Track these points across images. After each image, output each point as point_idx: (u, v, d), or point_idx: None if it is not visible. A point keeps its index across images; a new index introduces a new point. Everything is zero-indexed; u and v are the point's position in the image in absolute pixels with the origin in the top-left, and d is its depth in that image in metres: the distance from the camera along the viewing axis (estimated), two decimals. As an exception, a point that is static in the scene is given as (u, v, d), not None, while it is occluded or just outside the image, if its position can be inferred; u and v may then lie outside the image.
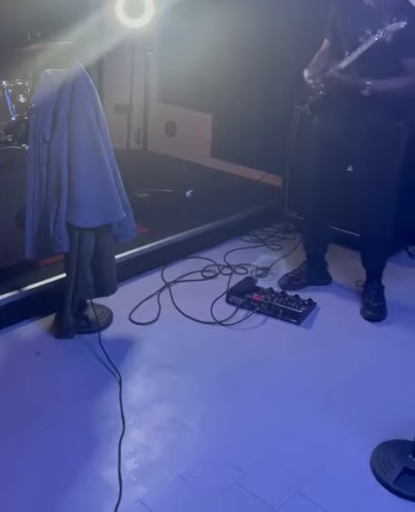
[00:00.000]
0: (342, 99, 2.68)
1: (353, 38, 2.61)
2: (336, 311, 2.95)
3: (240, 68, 4.18)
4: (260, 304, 2.87)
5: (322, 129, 2.87)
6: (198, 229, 3.45)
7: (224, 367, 2.48)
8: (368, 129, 2.71)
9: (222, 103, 4.40)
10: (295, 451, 2.07)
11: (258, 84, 4.13)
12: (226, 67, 4.22)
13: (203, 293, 3.00)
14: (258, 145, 4.19)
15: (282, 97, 3.85)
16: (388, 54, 2.54)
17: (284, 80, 3.86)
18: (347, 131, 2.74)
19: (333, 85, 2.65)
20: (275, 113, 3.95)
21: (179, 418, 2.19)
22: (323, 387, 2.39)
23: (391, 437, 2.12)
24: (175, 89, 4.59)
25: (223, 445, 2.08)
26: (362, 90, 2.58)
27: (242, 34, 4.05)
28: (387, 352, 2.65)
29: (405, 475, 1.97)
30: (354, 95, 2.62)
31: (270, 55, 4.02)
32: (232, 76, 4.23)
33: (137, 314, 2.79)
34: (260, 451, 2.06)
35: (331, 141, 2.79)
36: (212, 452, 2.04)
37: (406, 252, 3.58)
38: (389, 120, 2.75)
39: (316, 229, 3.13)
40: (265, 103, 4.08)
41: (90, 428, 2.12)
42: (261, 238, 3.67)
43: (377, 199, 2.86)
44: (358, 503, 1.88)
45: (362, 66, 2.59)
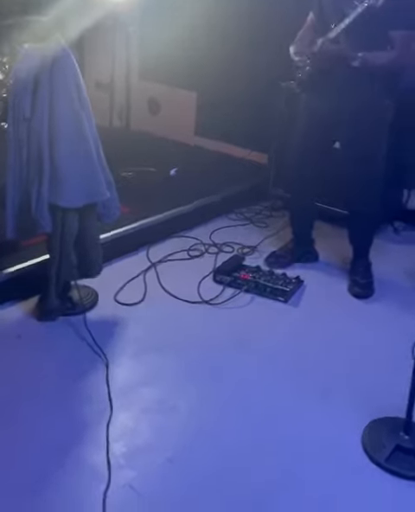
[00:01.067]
0: (331, 74, 2.62)
1: (340, 10, 2.54)
2: (324, 289, 2.93)
3: (225, 45, 4.10)
4: (247, 282, 2.84)
5: (310, 106, 2.81)
6: (183, 208, 3.40)
7: (211, 346, 2.45)
8: (357, 105, 2.66)
9: (207, 80, 4.32)
10: (284, 431, 2.05)
11: (243, 61, 4.06)
12: (211, 43, 4.14)
13: (190, 273, 2.96)
14: (243, 123, 4.13)
15: (267, 74, 3.79)
16: (377, 26, 2.48)
17: (269, 56, 3.79)
18: (335, 108, 2.69)
19: (323, 56, 2.59)
20: (260, 90, 3.89)
21: (167, 399, 2.16)
22: (312, 366, 2.37)
23: (382, 415, 2.10)
24: (158, 66, 4.50)
25: (211, 426, 2.05)
26: (353, 61, 2.52)
27: (226, 9, 3.96)
28: (376, 329, 2.63)
29: (396, 452, 1.96)
30: (343, 69, 2.56)
31: (254, 32, 3.95)
32: (216, 53, 4.15)
33: (123, 295, 2.74)
34: (249, 430, 2.04)
35: (319, 118, 2.75)
36: (200, 433, 2.02)
37: (392, 227, 3.56)
38: (378, 97, 2.70)
39: (303, 207, 3.09)
40: (250, 80, 4.02)
41: (77, 412, 2.09)
42: (247, 216, 3.63)
43: (364, 176, 2.83)
44: (350, 482, 1.87)
45: (353, 37, 2.52)
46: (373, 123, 2.73)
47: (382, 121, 2.79)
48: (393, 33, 2.54)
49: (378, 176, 2.89)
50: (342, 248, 3.08)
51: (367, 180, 2.84)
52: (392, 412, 2.08)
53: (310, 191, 3.01)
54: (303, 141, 2.87)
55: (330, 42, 2.56)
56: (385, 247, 3.31)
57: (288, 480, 1.86)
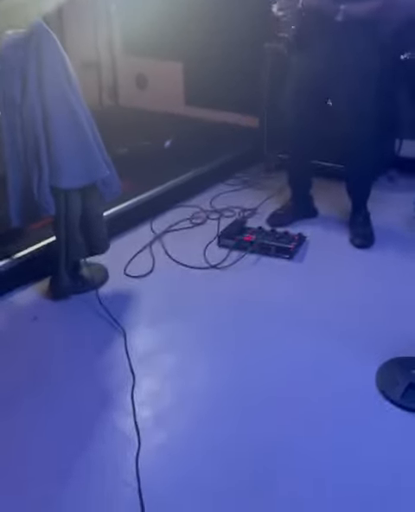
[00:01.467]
0: (317, 31, 2.62)
1: None
2: (326, 243, 2.99)
3: (206, 12, 4.07)
4: (252, 243, 2.90)
5: (299, 66, 2.82)
6: (181, 178, 3.45)
7: (223, 309, 2.53)
8: (348, 61, 2.67)
9: (191, 49, 4.30)
10: (302, 379, 2.14)
11: (226, 26, 4.03)
12: (191, 11, 4.11)
13: (194, 240, 3.03)
14: (231, 88, 4.12)
15: (251, 36, 3.78)
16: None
17: (252, 18, 3.77)
18: (326, 65, 2.70)
19: (305, 13, 2.58)
20: (246, 54, 3.88)
21: (186, 364, 2.25)
22: (323, 315, 2.45)
23: (393, 355, 2.19)
24: (141, 40, 4.47)
25: (233, 385, 2.13)
26: (336, 15, 2.52)
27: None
28: (380, 276, 2.70)
29: (410, 390, 2.05)
30: (329, 24, 2.55)
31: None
32: (198, 21, 4.12)
33: (132, 268, 2.81)
34: (269, 384, 2.13)
35: (311, 76, 2.76)
36: (223, 393, 2.10)
37: (387, 177, 3.60)
38: (367, 50, 2.69)
39: (301, 166, 3.12)
40: (235, 44, 4.00)
41: (101, 383, 2.17)
42: (245, 180, 3.68)
43: (360, 130, 2.86)
44: (368, 422, 1.95)
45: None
46: (365, 77, 2.74)
47: (372, 74, 2.80)
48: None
49: (372, 129, 2.91)
50: (340, 202, 3.13)
51: (361, 133, 2.87)
52: (403, 353, 2.16)
53: (308, 150, 3.05)
54: (295, 101, 2.88)
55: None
56: (381, 196, 3.34)
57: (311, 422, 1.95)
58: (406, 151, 3.63)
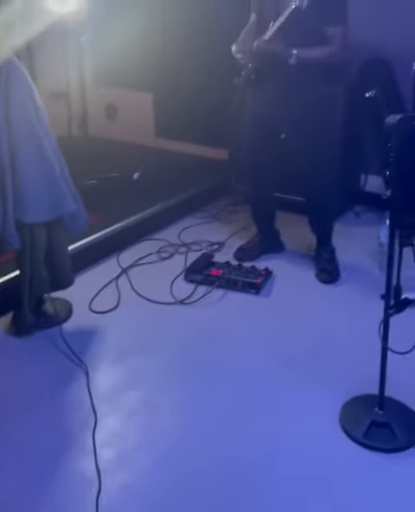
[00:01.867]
0: (272, 70, 2.70)
1: (275, 10, 2.62)
2: (292, 277, 3.01)
3: (177, 45, 4.14)
4: (219, 278, 2.90)
5: (256, 100, 2.88)
6: (149, 211, 3.45)
7: (189, 345, 2.52)
8: (299, 97, 2.74)
9: (162, 81, 4.36)
10: (266, 419, 2.13)
11: (196, 59, 4.10)
12: (163, 44, 4.18)
13: (161, 274, 3.02)
14: (201, 120, 4.18)
15: (221, 70, 3.83)
16: (309, 22, 2.57)
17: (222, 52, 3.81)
18: (279, 101, 2.77)
19: (260, 56, 2.66)
20: (215, 87, 3.95)
21: (151, 401, 2.22)
22: (289, 353, 2.46)
23: (357, 393, 2.19)
24: (112, 71, 4.53)
25: (197, 422, 2.12)
26: (288, 59, 2.60)
27: (175, 10, 4.00)
28: (344, 311, 2.73)
29: (373, 428, 2.05)
30: (282, 65, 2.63)
31: (205, 30, 3.99)
32: (169, 53, 4.19)
33: (97, 303, 2.79)
34: (233, 422, 2.11)
35: (266, 112, 2.82)
36: (187, 431, 2.08)
37: (353, 212, 3.66)
38: (320, 86, 2.78)
39: (262, 199, 3.16)
40: (205, 77, 4.07)
41: (62, 422, 2.13)
42: (213, 213, 3.70)
43: (318, 165, 2.90)
44: (330, 460, 1.95)
45: (287, 35, 2.60)
46: (319, 112, 2.80)
47: (329, 109, 2.87)
48: (328, 28, 2.63)
49: (330, 163, 2.97)
50: (307, 235, 3.16)
51: (321, 169, 2.92)
52: (366, 390, 2.16)
53: (267, 182, 3.08)
54: (253, 135, 2.93)
55: (266, 42, 2.63)
56: (347, 231, 3.40)
57: (275, 464, 1.94)
58: (371, 186, 3.71)
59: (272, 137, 2.89)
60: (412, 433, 2.03)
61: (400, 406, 2.13)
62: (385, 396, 2.08)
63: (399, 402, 2.14)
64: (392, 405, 2.10)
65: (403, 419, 2.08)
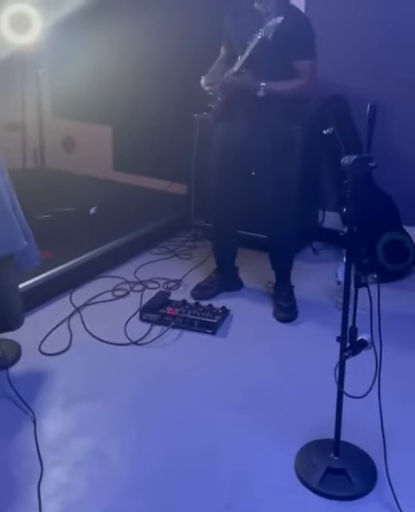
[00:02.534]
0: (241, 104, 2.72)
1: (243, 42, 2.64)
2: (250, 316, 2.97)
3: (137, 79, 4.14)
4: (174, 318, 2.84)
5: (224, 135, 2.88)
6: (105, 247, 3.38)
7: (142, 388, 2.44)
8: (267, 131, 2.76)
9: (121, 114, 4.35)
10: (219, 465, 2.06)
11: (157, 93, 4.11)
12: (123, 78, 4.18)
13: (116, 314, 2.94)
14: (161, 155, 4.17)
15: (181, 105, 3.85)
16: (280, 56, 2.60)
17: (183, 87, 3.85)
18: (248, 136, 2.78)
19: (229, 88, 2.68)
20: (175, 122, 3.95)
21: (100, 449, 2.13)
22: (243, 396, 2.40)
23: (313, 438, 2.15)
24: (70, 103, 4.49)
25: (147, 471, 2.03)
26: (257, 91, 2.61)
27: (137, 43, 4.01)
28: (302, 353, 2.69)
29: (328, 475, 2.00)
30: (251, 98, 2.65)
31: (166, 64, 4.01)
32: (129, 87, 4.19)
33: (48, 344, 2.68)
34: (185, 469, 2.04)
35: (234, 146, 2.82)
36: (137, 480, 2.00)
37: (311, 248, 3.67)
38: (285, 122, 2.81)
39: (224, 235, 3.13)
40: (165, 112, 4.07)
41: (6, 473, 2.02)
42: (171, 249, 3.65)
43: (281, 201, 2.91)
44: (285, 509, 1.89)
45: (255, 68, 2.62)
46: (285, 148, 2.82)
47: (293, 145, 2.90)
48: (298, 62, 2.66)
49: (293, 200, 2.97)
50: (266, 272, 3.14)
51: (283, 205, 2.92)
52: (322, 434, 2.12)
53: (231, 219, 3.06)
54: (219, 171, 2.92)
55: (235, 75, 2.65)
56: (305, 268, 3.40)
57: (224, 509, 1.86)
58: (329, 222, 3.73)
59: (240, 171, 2.89)
60: (368, 480, 1.99)
61: (357, 451, 2.09)
62: (341, 441, 2.03)
63: (355, 447, 2.10)
64: (348, 450, 2.06)
65: (359, 465, 2.03)
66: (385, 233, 3.36)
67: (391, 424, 1.98)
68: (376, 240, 3.33)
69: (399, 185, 3.47)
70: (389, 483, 1.89)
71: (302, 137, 3.39)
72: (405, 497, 1.87)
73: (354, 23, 3.45)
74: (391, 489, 1.87)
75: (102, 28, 4.03)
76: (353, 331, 1.98)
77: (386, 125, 3.48)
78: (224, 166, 2.89)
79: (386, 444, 1.93)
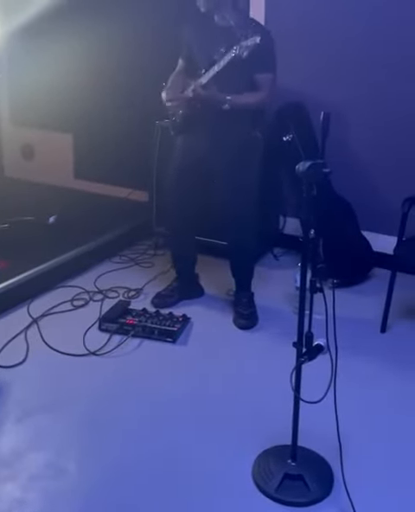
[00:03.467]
0: (203, 116, 2.72)
1: (209, 57, 2.66)
2: (210, 324, 2.96)
3: (98, 86, 4.12)
4: (134, 327, 2.81)
5: (184, 146, 2.89)
6: (64, 256, 3.33)
7: (100, 399, 2.40)
8: (230, 142, 2.77)
9: (82, 122, 4.32)
10: (177, 475, 2.04)
11: (118, 100, 4.10)
12: (83, 85, 4.15)
13: (74, 324, 2.90)
14: (122, 162, 4.16)
15: (142, 112, 3.84)
16: (245, 70, 2.61)
17: (143, 95, 3.85)
18: (209, 146, 2.79)
19: (196, 101, 2.68)
20: (136, 129, 3.94)
21: (56, 462, 2.09)
22: (202, 404, 2.39)
23: (271, 444, 2.15)
24: (29, 111, 4.44)
25: (104, 483, 2.01)
26: (223, 104, 2.63)
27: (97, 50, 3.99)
28: (261, 359, 2.69)
29: (285, 481, 2.00)
30: (214, 110, 2.66)
31: (126, 71, 4.00)
32: (89, 94, 4.16)
33: (3, 356, 2.63)
34: (143, 480, 2.01)
35: (195, 157, 2.82)
36: (94, 492, 1.97)
37: (272, 254, 3.68)
38: (247, 130, 2.83)
39: (183, 243, 3.13)
40: (126, 119, 4.06)
41: None
42: (132, 257, 3.62)
43: (241, 209, 2.92)
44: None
45: (222, 81, 2.63)
46: (246, 156, 2.84)
47: (254, 153, 2.91)
48: (258, 76, 2.69)
49: (252, 208, 2.99)
50: (226, 280, 3.14)
51: (243, 211, 2.93)
52: (280, 440, 2.12)
53: (190, 227, 3.06)
54: (178, 178, 2.92)
55: (201, 88, 2.65)
56: (266, 274, 3.41)
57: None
58: (290, 229, 3.75)
59: (200, 180, 2.90)
60: (325, 485, 2.00)
61: (314, 457, 2.10)
62: (298, 446, 2.04)
63: (312, 452, 2.11)
64: (305, 456, 2.07)
65: (316, 470, 2.04)
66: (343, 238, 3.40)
67: (347, 428, 2.00)
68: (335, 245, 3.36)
69: (356, 191, 3.52)
70: (345, 488, 1.89)
71: (262, 145, 3.42)
72: (361, 502, 1.88)
73: (312, 32, 3.50)
74: (347, 493, 1.88)
75: (61, 34, 4.00)
76: (309, 336, 1.99)
77: (343, 133, 3.54)
78: (183, 177, 2.89)
79: (343, 449, 1.94)
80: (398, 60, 3.33)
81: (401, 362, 2.68)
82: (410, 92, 3.35)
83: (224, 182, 2.87)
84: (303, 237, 1.96)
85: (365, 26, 3.37)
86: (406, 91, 3.35)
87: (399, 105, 3.39)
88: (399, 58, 3.33)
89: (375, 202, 3.56)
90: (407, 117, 3.38)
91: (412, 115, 3.37)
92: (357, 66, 3.45)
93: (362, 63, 3.43)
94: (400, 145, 3.46)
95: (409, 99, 3.36)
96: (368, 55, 3.40)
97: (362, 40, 3.39)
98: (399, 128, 3.43)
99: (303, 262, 2.02)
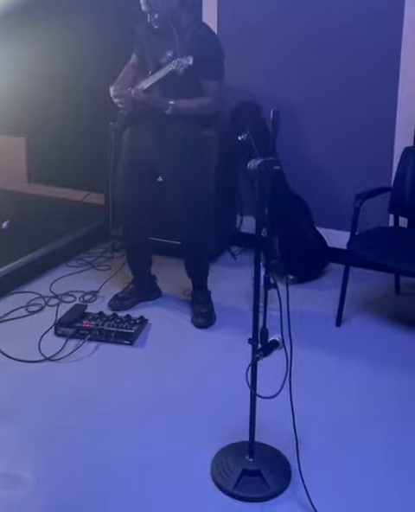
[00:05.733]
0: (148, 115, 2.71)
1: (155, 59, 2.67)
2: (168, 324, 2.96)
3: (49, 88, 4.08)
4: (91, 330, 2.78)
5: (131, 144, 2.88)
6: (18, 262, 3.28)
7: (56, 407, 2.37)
8: (174, 142, 2.77)
9: (34, 125, 4.26)
10: (135, 477, 2.03)
11: (70, 102, 4.06)
12: (35, 87, 4.10)
13: (29, 330, 2.85)
14: (77, 165, 4.13)
15: (96, 114, 3.81)
16: (191, 75, 2.60)
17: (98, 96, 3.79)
18: (154, 145, 2.78)
19: (137, 104, 2.67)
20: (91, 131, 3.92)
21: (11, 472, 2.05)
22: (160, 405, 2.38)
23: (229, 441, 2.15)
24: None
25: (61, 492, 1.97)
26: (166, 109, 2.63)
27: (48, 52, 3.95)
28: (218, 357, 2.70)
29: (244, 477, 2.00)
30: (157, 113, 2.66)
31: (80, 73, 3.97)
32: (41, 97, 4.12)
33: None
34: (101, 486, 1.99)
35: (140, 154, 2.82)
36: (52, 502, 1.94)
37: (229, 253, 3.69)
38: (196, 129, 2.82)
39: (137, 244, 3.10)
40: (80, 121, 4.03)
41: None
42: (88, 261, 3.58)
43: (191, 208, 2.91)
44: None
45: (167, 85, 2.64)
46: (192, 155, 2.84)
47: (201, 152, 2.91)
48: (204, 82, 2.69)
49: (203, 206, 2.98)
50: (183, 280, 3.13)
51: (193, 211, 2.92)
52: (238, 437, 2.12)
53: (142, 227, 3.04)
54: (128, 180, 2.91)
55: (143, 92, 2.65)
56: (224, 273, 3.42)
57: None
58: (247, 227, 3.77)
59: (148, 180, 2.89)
60: (283, 479, 2.01)
61: (271, 452, 2.11)
62: (256, 442, 2.05)
63: (270, 447, 2.12)
64: (263, 451, 2.08)
65: (274, 465, 2.05)
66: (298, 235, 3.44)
67: (303, 423, 2.02)
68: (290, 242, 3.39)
69: (310, 188, 3.56)
70: (302, 482, 1.91)
71: (217, 144, 3.44)
72: (318, 494, 1.90)
73: (265, 32, 3.53)
74: (304, 487, 1.90)
75: (12, 35, 3.95)
76: (264, 332, 2.01)
77: (297, 131, 3.59)
78: (131, 177, 2.88)
79: (299, 443, 1.96)
80: (349, 59, 3.39)
81: (356, 354, 2.72)
82: (361, 91, 3.41)
83: (171, 182, 2.87)
84: (256, 234, 1.97)
85: (317, 26, 3.42)
86: (358, 89, 3.42)
87: (351, 103, 3.45)
88: (350, 57, 3.39)
89: (329, 199, 3.61)
90: (358, 115, 3.45)
91: (363, 113, 3.43)
92: (310, 65, 3.49)
93: (315, 62, 3.48)
94: (352, 142, 3.51)
95: (360, 98, 3.42)
96: (320, 55, 3.45)
97: (315, 39, 3.44)
98: (350, 125, 3.49)
99: (257, 259, 2.03)
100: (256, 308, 2.04)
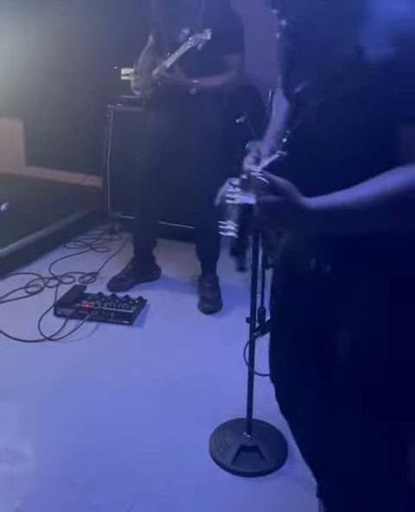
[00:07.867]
0: (172, 97, 2.70)
1: (173, 38, 2.63)
2: (169, 307, 2.98)
3: (48, 70, 4.05)
4: (90, 311, 2.81)
5: (156, 126, 2.87)
6: (17, 243, 3.29)
7: (56, 384, 2.39)
8: (197, 125, 2.76)
9: (33, 107, 4.25)
10: (135, 454, 2.06)
11: (69, 84, 4.04)
12: (33, 69, 4.07)
13: (29, 311, 2.87)
14: (75, 148, 4.11)
15: (94, 96, 3.80)
16: (213, 51, 2.58)
17: (96, 78, 3.80)
18: (178, 128, 2.78)
19: (161, 85, 2.66)
20: (89, 113, 3.90)
21: (11, 447, 2.08)
22: (159, 385, 2.41)
23: (227, 418, 2.18)
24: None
25: (61, 466, 2.01)
26: (190, 89, 2.61)
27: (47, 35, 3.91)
28: (216, 337, 2.71)
29: (242, 453, 2.04)
30: (181, 94, 2.64)
31: (77, 55, 3.94)
32: (39, 79, 4.09)
33: None
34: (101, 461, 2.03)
35: (164, 138, 2.82)
36: (49, 475, 1.97)
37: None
38: (212, 115, 2.81)
39: (148, 226, 3.12)
40: (78, 104, 4.01)
41: None
42: (87, 242, 3.60)
43: (207, 191, 2.88)
44: (201, 492, 1.91)
45: (188, 64, 2.61)
46: (212, 139, 2.83)
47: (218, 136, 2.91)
48: (226, 57, 2.68)
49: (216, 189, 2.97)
50: (192, 264, 3.14)
51: (209, 194, 2.90)
52: (236, 415, 2.16)
53: (156, 210, 3.06)
54: (150, 161, 2.91)
55: (166, 71, 2.64)
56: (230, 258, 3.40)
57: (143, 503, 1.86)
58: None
59: (169, 166, 2.90)
60: (280, 455, 2.05)
61: (269, 428, 2.14)
62: (253, 419, 2.08)
63: (267, 424, 2.15)
64: (260, 428, 2.12)
65: (271, 442, 2.09)
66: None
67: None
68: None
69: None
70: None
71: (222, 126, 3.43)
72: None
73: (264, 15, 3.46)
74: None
75: (10, 19, 3.91)
76: (261, 312, 2.03)
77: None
78: (154, 159, 2.88)
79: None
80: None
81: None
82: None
83: (192, 165, 2.86)
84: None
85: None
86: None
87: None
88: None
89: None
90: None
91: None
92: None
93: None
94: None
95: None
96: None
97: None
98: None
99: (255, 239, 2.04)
100: (254, 287, 2.06)
